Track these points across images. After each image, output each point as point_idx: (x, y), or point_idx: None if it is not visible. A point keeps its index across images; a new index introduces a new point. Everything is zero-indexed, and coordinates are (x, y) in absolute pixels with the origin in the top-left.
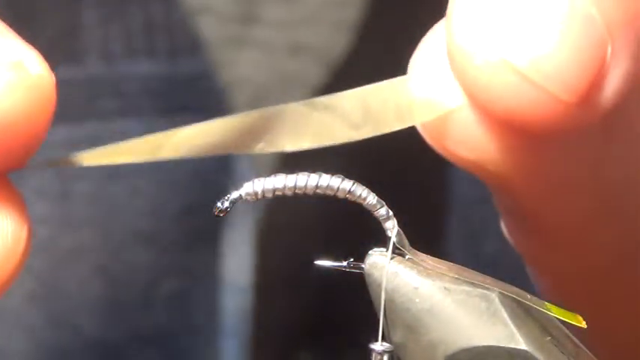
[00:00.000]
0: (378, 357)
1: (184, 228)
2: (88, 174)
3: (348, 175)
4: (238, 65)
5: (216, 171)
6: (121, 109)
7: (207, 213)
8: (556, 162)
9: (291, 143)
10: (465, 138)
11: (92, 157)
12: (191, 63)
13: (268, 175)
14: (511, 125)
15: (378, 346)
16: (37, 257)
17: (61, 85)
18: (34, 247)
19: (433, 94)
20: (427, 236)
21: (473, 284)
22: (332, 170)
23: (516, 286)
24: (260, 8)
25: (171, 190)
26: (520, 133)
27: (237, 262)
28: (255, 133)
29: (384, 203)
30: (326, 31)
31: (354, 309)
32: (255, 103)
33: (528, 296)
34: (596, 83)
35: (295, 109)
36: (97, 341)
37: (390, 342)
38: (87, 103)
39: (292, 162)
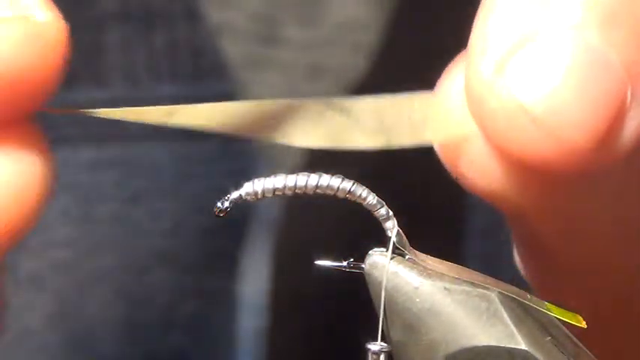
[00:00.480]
0: (374, 356)
1: (205, 249)
2: (110, 197)
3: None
4: (257, 86)
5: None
6: (144, 132)
7: (228, 234)
8: (573, 197)
9: (302, 138)
10: (481, 167)
11: (107, 112)
12: (215, 86)
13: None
14: (526, 165)
15: (374, 345)
16: (59, 279)
17: (85, 106)
18: (56, 269)
19: (454, 116)
20: (444, 258)
21: (473, 284)
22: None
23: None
24: (280, 30)
25: (192, 211)
26: (536, 171)
27: (255, 283)
28: (268, 121)
29: (384, 203)
30: (345, 53)
31: (369, 332)
32: None
33: (528, 296)
34: (614, 127)
35: (311, 105)
36: None
37: (390, 342)
38: (111, 126)
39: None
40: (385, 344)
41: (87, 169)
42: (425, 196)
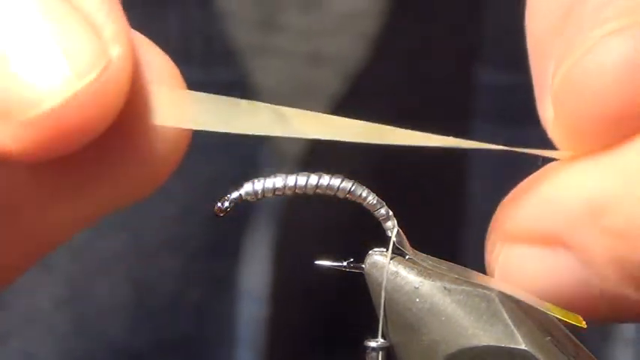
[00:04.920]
0: (373, 353)
1: (210, 235)
2: None
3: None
4: (259, 73)
5: (243, 174)
6: None
7: (232, 219)
8: None
9: None
10: None
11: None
12: (226, 72)
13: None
14: None
15: (372, 342)
16: (69, 263)
17: None
18: (67, 252)
19: None
20: (441, 253)
21: (473, 284)
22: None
23: None
24: (281, 17)
25: (199, 195)
26: None
27: (255, 273)
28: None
29: (384, 203)
30: (346, 42)
31: (368, 322)
32: None
33: (528, 296)
34: None
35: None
36: (123, 347)
37: (390, 342)
38: None
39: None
40: (383, 340)
41: None
42: (423, 191)
